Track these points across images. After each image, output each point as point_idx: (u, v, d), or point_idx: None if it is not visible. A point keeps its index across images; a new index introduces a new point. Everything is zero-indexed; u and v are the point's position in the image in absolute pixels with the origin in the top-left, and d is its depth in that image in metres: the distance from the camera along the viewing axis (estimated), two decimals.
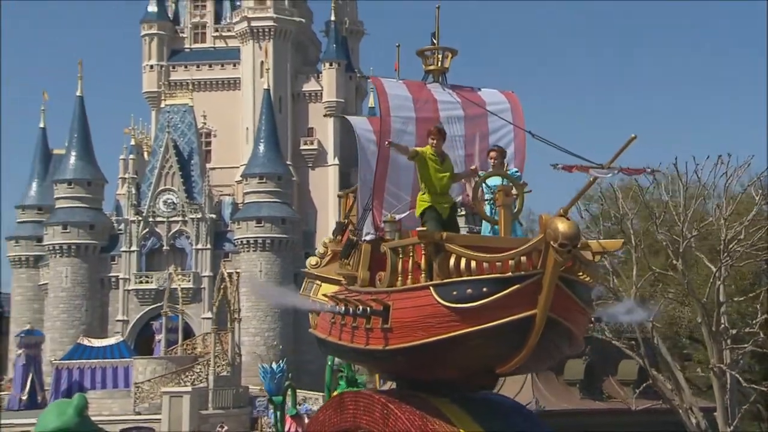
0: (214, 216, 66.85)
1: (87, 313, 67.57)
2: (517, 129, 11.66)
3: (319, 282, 11.61)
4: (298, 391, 27.06)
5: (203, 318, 65.06)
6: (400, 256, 9.20)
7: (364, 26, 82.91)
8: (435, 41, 11.99)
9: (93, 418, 40.12)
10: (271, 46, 72.17)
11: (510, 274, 7.98)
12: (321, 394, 35.08)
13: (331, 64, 74.45)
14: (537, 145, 10.00)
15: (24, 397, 55.52)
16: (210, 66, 75.60)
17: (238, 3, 75.30)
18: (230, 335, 54.17)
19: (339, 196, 15.99)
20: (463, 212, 12.04)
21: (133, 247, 67.73)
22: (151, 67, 75.16)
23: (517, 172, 10.66)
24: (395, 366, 10.68)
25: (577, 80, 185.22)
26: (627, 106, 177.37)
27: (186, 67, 75.68)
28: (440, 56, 11.65)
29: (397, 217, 10.72)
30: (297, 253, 67.45)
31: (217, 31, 76.62)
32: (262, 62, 71.97)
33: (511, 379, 26.77)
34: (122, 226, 67.78)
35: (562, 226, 7.60)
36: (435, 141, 10.04)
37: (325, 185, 73.79)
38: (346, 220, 12.66)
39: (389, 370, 12.10)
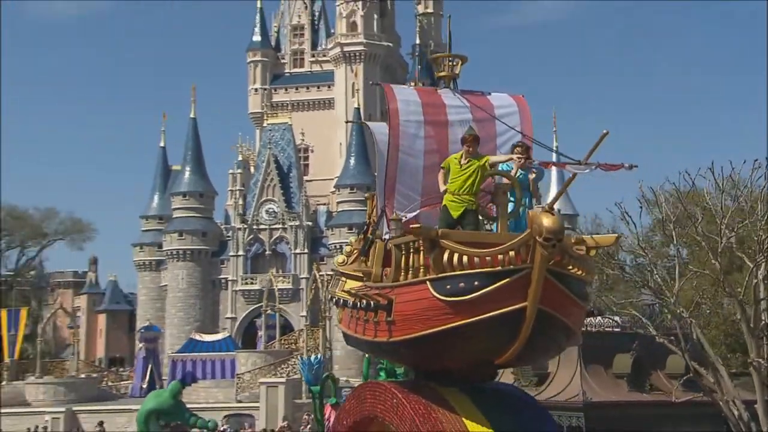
0: (310, 223, 67.29)
1: (200, 311, 69.07)
2: (527, 128, 11.54)
3: (344, 278, 11.39)
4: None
5: (301, 315, 65.12)
6: (403, 252, 9.03)
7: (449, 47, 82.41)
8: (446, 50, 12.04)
9: (201, 405, 40.68)
10: (362, 68, 72.45)
11: (500, 268, 7.92)
12: None
13: (416, 83, 74.11)
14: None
15: (144, 386, 56.61)
16: (307, 88, 76.42)
17: (332, 31, 76.01)
18: (321, 331, 53.99)
19: (366, 198, 15.61)
20: None
21: (240, 252, 68.62)
22: (256, 90, 76.26)
23: (511, 167, 10.29)
24: (400, 357, 10.89)
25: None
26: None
27: (286, 89, 76.72)
28: (451, 63, 11.50)
29: (409, 215, 10.62)
30: None
31: (313, 56, 77.34)
32: (353, 83, 72.30)
33: (561, 373, 26.56)
34: (230, 234, 68.95)
35: (546, 221, 7.52)
36: (469, 148, 9.79)
37: None
38: (369, 220, 12.41)
39: (397, 361, 12.56)
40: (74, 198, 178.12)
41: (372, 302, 9.41)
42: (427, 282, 8.50)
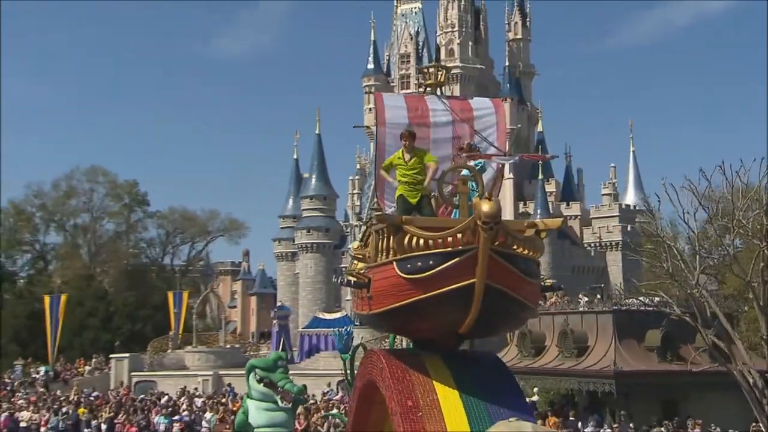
0: None
1: (325, 294, 70.72)
2: (501, 129, 11.57)
3: (355, 262, 11.15)
4: None
5: None
6: (378, 237, 8.95)
7: (536, 68, 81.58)
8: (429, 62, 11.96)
9: (321, 372, 41.73)
10: (458, 88, 72.22)
11: (450, 249, 7.79)
12: None
13: (505, 99, 73.76)
14: None
15: None
16: None
17: (433, 57, 76.01)
18: None
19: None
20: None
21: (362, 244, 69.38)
22: (370, 109, 76.82)
23: (480, 163, 10.33)
24: (380, 327, 10.88)
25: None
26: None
27: None
28: (437, 73, 11.53)
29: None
30: None
31: (417, 79, 77.62)
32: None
33: (598, 346, 26.27)
34: (349, 229, 69.94)
35: (485, 207, 7.39)
36: (406, 142, 9.71)
37: (502, 195, 72.80)
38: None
39: (380, 330, 12.69)
40: (231, 201, 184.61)
41: (359, 281, 9.52)
42: (393, 262, 8.42)
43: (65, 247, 76.82)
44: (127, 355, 47.80)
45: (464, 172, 9.75)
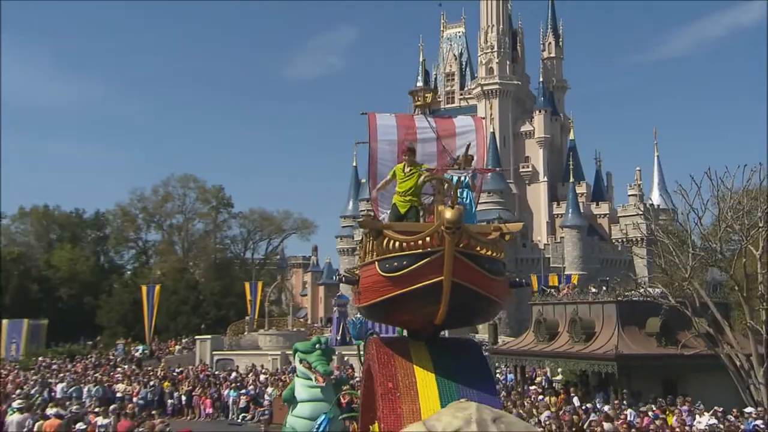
0: None
1: None
2: (480, 144, 11.34)
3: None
4: None
5: None
6: (367, 239, 8.86)
7: (568, 83, 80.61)
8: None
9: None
10: (497, 102, 72.12)
11: (420, 251, 7.66)
12: None
13: (540, 111, 73.19)
14: None
15: (338, 338, 58.50)
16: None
17: (475, 75, 75.97)
18: None
19: None
20: None
21: None
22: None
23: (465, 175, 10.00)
24: (369, 317, 10.58)
25: None
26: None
27: None
28: (425, 96, 11.53)
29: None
30: (516, 244, 66.78)
31: (461, 95, 77.76)
32: (490, 114, 71.95)
33: (604, 332, 26.09)
34: None
35: (447, 214, 7.32)
36: (406, 157, 9.64)
37: (537, 196, 72.65)
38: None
39: (372, 320, 12.29)
40: (302, 202, 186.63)
41: (351, 277, 9.52)
42: (375, 262, 8.26)
43: (163, 244, 78.38)
44: (209, 336, 47.85)
45: (455, 178, 9.58)
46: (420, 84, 76.97)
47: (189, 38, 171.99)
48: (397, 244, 7.83)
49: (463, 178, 9.91)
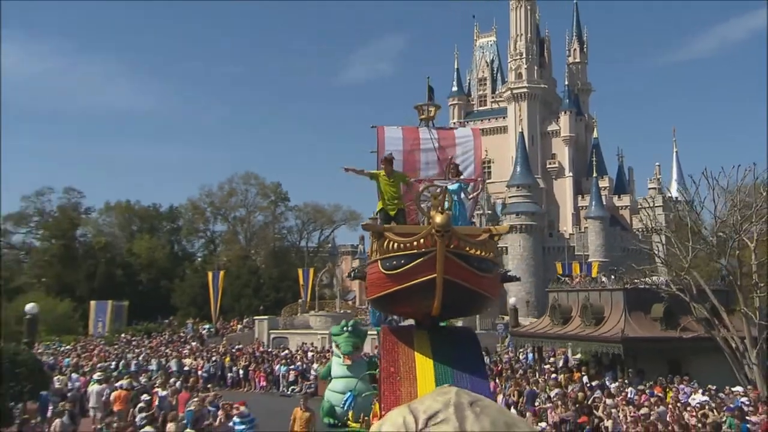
0: (490, 211, 67.25)
1: None
2: (477, 155, 11.41)
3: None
4: None
5: None
6: (373, 240, 8.56)
7: (592, 85, 79.50)
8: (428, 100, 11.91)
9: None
10: (525, 105, 71.64)
11: (415, 251, 7.57)
12: None
13: (565, 112, 72.48)
14: None
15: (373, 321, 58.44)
16: (489, 120, 76.16)
17: (505, 80, 75.45)
18: None
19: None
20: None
21: None
22: (454, 123, 76.66)
23: (458, 184, 10.08)
24: (376, 309, 10.94)
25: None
26: None
27: (474, 122, 76.40)
28: (429, 110, 11.47)
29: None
30: (543, 234, 66.48)
31: (493, 98, 77.34)
32: (519, 115, 71.63)
33: (612, 317, 26.04)
34: None
35: (437, 218, 7.24)
36: (384, 165, 9.62)
37: (563, 190, 72.09)
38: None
39: (378, 311, 12.19)
40: (350, 196, 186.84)
41: (360, 273, 9.65)
42: (378, 261, 8.17)
43: (228, 234, 79.28)
44: (267, 317, 48.27)
45: (451, 187, 9.74)
46: (455, 89, 77.00)
47: (256, 46, 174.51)
48: (395, 244, 7.80)
49: (453, 186, 9.94)
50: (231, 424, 14.97)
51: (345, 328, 15.77)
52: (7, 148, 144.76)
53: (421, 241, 7.42)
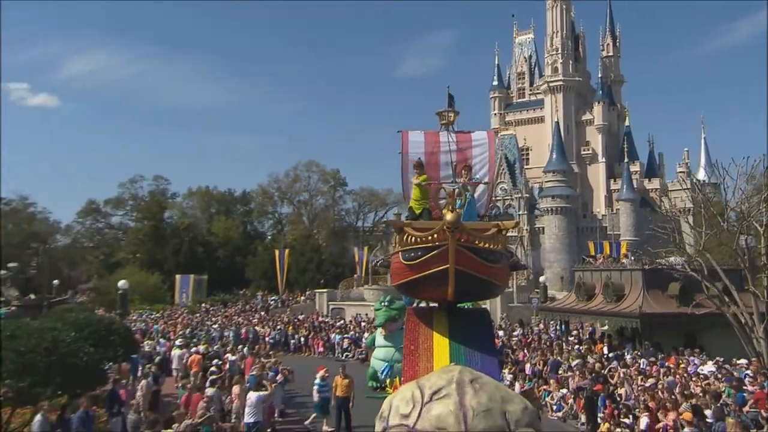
0: (528, 195, 66.50)
1: None
2: (491, 154, 11.09)
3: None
4: None
5: (525, 253, 63.97)
6: (397, 233, 8.62)
7: (625, 77, 77.40)
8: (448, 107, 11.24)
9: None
10: (561, 96, 70.18)
11: (430, 244, 7.63)
12: None
13: (599, 103, 70.84)
14: None
15: None
16: (527, 111, 74.92)
17: (542, 73, 74.06)
18: (525, 262, 52.95)
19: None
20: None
21: (488, 214, 67.82)
22: (495, 114, 76.12)
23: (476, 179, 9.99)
24: (400, 293, 10.97)
25: None
26: None
27: (512, 113, 75.57)
28: (449, 115, 11.16)
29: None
30: (578, 216, 65.60)
31: (530, 91, 75.84)
32: (555, 107, 70.37)
33: (632, 294, 25.94)
34: None
35: (448, 216, 7.31)
36: (417, 170, 9.74)
37: (596, 174, 70.72)
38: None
39: (404, 296, 12.14)
40: (399, 180, 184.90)
41: (385, 263, 9.90)
42: (399, 252, 8.30)
43: (293, 216, 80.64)
44: (326, 290, 48.94)
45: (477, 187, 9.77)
46: (495, 83, 76.19)
47: (320, 46, 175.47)
48: (413, 238, 7.80)
49: (463, 187, 9.73)
50: (314, 386, 15.45)
51: (383, 303, 16.21)
52: (105, 140, 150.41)
53: (435, 235, 7.47)
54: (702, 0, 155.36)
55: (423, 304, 10.63)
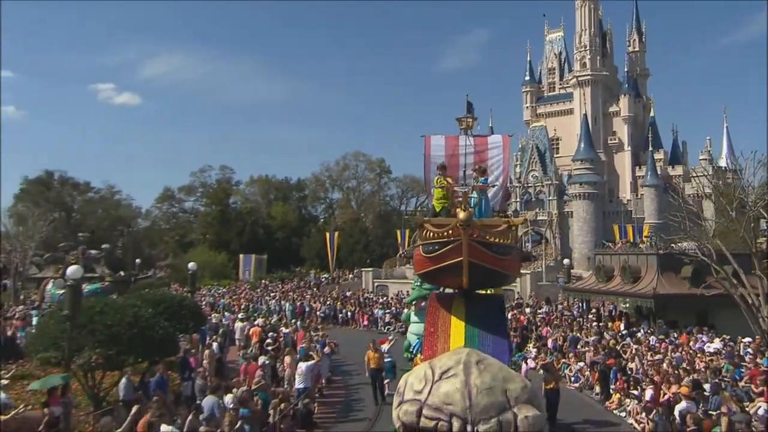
0: (557, 182, 65.25)
1: None
2: (505, 157, 11.29)
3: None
4: None
5: (554, 236, 63.57)
6: (418, 228, 8.81)
7: (650, 71, 74.82)
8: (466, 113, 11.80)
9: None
10: (589, 90, 68.30)
11: (446, 239, 7.72)
12: None
13: (625, 95, 68.84)
14: None
15: None
16: (557, 103, 73.13)
17: (572, 68, 72.25)
18: (545, 247, 53.52)
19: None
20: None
21: (517, 199, 66.56)
22: (527, 107, 74.55)
23: (483, 181, 9.91)
24: (423, 282, 11.14)
25: None
26: None
27: (543, 105, 73.97)
28: (468, 121, 11.44)
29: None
30: (605, 201, 64.27)
31: (560, 84, 73.98)
32: (583, 99, 68.67)
33: (647, 276, 25.81)
34: (512, 189, 68.09)
35: (460, 214, 7.44)
36: (440, 172, 9.84)
37: (622, 162, 68.80)
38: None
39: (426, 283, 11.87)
40: None
41: (408, 254, 10.76)
42: (420, 245, 8.39)
43: (342, 201, 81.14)
44: (371, 269, 49.52)
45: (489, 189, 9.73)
46: (527, 78, 74.89)
47: (367, 44, 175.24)
48: (431, 234, 7.96)
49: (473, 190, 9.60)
50: (386, 359, 15.75)
51: (416, 282, 16.73)
52: (179, 133, 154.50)
53: (450, 231, 7.61)
54: None
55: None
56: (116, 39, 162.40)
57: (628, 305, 29.07)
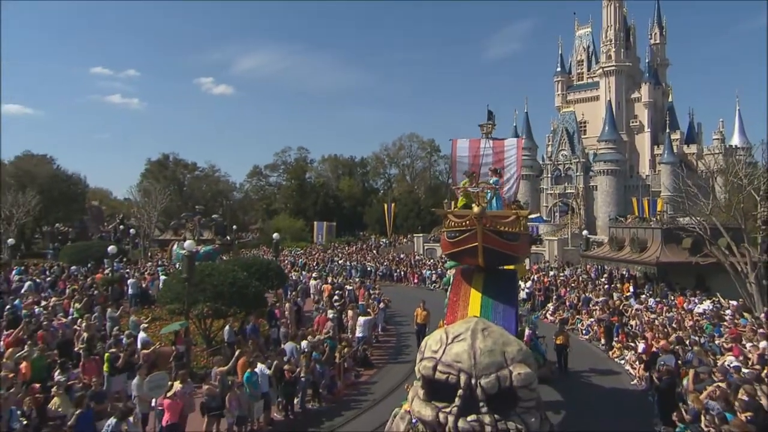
0: (584, 160, 63.25)
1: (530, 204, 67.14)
2: (518, 158, 11.27)
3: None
4: None
5: (581, 205, 61.29)
6: (443, 218, 8.82)
7: (670, 60, 70.36)
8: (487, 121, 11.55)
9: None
10: (614, 79, 65.19)
11: (464, 228, 7.80)
12: None
13: (646, 83, 65.34)
14: None
15: None
16: (584, 91, 70.02)
17: (598, 60, 68.89)
18: (571, 217, 52.67)
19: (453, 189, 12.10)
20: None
21: (549, 175, 65.06)
22: (558, 95, 71.80)
23: (497, 181, 9.93)
24: (450, 260, 10.54)
25: None
26: None
27: (572, 93, 71.04)
28: (488, 126, 11.43)
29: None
30: (626, 176, 61.91)
31: (588, 74, 70.72)
32: (608, 88, 65.70)
33: (652, 246, 25.51)
34: (543, 167, 66.95)
35: (475, 209, 7.49)
36: (468, 179, 9.79)
37: (642, 142, 65.68)
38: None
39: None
40: None
41: (436, 237, 11.15)
42: (444, 231, 8.57)
43: (398, 176, 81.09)
44: (421, 234, 48.93)
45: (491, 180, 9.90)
46: (558, 69, 72.12)
47: (418, 35, 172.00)
48: (453, 223, 8.12)
49: (492, 181, 9.79)
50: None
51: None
52: (265, 119, 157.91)
53: (467, 221, 7.75)
54: None
55: None
56: (216, 39, 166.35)
57: (639, 270, 28.75)
